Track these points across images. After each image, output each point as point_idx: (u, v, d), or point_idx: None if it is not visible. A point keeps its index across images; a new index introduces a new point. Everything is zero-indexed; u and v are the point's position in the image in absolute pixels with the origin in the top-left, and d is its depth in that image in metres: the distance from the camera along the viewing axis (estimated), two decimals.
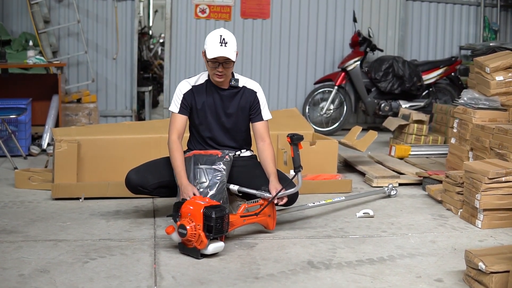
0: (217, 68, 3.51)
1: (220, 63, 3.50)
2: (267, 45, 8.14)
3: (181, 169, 3.47)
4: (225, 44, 3.46)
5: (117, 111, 7.89)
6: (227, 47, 3.46)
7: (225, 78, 3.58)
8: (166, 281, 2.82)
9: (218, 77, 3.55)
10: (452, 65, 7.87)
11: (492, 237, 3.62)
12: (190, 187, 3.38)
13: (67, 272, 2.88)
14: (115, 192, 4.25)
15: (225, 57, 3.47)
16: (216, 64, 3.50)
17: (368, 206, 4.23)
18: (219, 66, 3.50)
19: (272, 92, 8.15)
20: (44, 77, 6.74)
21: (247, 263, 3.07)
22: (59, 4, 7.55)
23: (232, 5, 7.97)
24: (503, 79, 4.67)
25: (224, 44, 3.46)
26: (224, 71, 3.52)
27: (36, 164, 5.41)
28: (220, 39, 3.47)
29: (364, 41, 7.75)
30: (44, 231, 3.52)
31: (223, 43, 3.46)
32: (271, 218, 3.53)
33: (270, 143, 3.67)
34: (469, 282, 2.83)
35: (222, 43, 3.46)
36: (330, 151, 4.84)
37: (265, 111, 3.72)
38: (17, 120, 5.78)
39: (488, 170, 3.73)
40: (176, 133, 3.60)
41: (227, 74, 3.56)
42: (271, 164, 3.58)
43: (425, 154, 5.74)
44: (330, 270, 3.01)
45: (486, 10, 8.72)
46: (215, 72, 3.53)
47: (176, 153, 3.53)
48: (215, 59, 3.48)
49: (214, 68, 3.52)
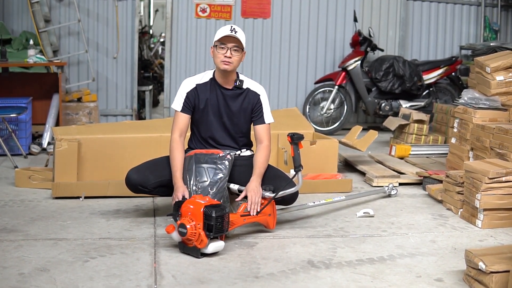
0: (225, 53, 3.51)
1: (229, 48, 3.51)
2: (267, 45, 8.14)
3: (178, 169, 3.49)
4: (235, 32, 3.52)
5: (118, 110, 7.89)
6: (237, 34, 3.51)
7: (232, 69, 3.56)
8: (166, 280, 2.82)
9: (225, 63, 3.52)
10: (452, 65, 7.87)
11: (492, 237, 3.62)
12: (181, 188, 3.40)
13: (67, 271, 2.88)
14: (116, 191, 4.25)
15: (235, 39, 3.49)
16: (225, 49, 3.51)
17: (368, 206, 4.23)
18: (228, 51, 3.51)
19: (273, 91, 8.15)
20: (45, 76, 6.74)
21: (247, 262, 3.07)
22: (59, 3, 7.55)
23: (232, 4, 7.97)
24: (503, 79, 4.67)
25: (235, 31, 3.51)
26: (232, 58, 3.52)
27: (37, 163, 5.41)
28: (230, 28, 3.53)
29: (365, 40, 7.75)
30: (44, 230, 3.53)
31: (233, 31, 3.52)
32: (271, 217, 3.53)
33: (268, 146, 3.66)
34: (469, 281, 2.83)
35: (232, 31, 3.51)
36: (330, 150, 4.84)
37: (267, 114, 3.72)
38: (17, 119, 5.78)
39: (488, 170, 3.73)
40: (178, 132, 3.60)
41: (234, 64, 3.55)
42: (258, 165, 3.55)
43: (425, 154, 5.74)
44: (330, 269, 3.01)
45: (487, 10, 8.72)
46: (222, 59, 3.52)
47: (175, 153, 3.53)
48: (224, 39, 3.50)
49: (222, 54, 3.52)
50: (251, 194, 3.39)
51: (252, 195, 3.39)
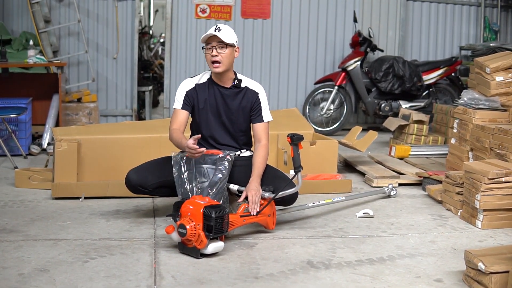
0: (211, 53, 3.51)
1: (214, 47, 3.51)
2: (267, 45, 8.14)
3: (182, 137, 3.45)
4: (219, 30, 3.52)
5: (117, 110, 7.89)
6: (220, 32, 3.51)
7: (223, 69, 3.56)
8: (165, 280, 2.82)
9: (214, 66, 3.53)
10: (452, 66, 7.87)
11: (492, 238, 3.62)
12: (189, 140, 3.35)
13: (66, 272, 2.88)
14: (115, 192, 4.25)
15: (217, 38, 3.49)
16: (211, 49, 3.52)
17: (368, 206, 4.23)
18: (213, 50, 3.51)
19: (273, 92, 8.15)
20: (45, 77, 6.74)
21: (246, 263, 3.07)
22: (59, 4, 7.55)
23: (232, 5, 7.98)
24: (503, 79, 4.67)
25: (218, 30, 3.52)
26: (219, 56, 3.52)
27: (36, 164, 5.41)
28: (215, 27, 3.55)
29: (365, 41, 7.75)
30: (44, 230, 3.53)
31: (217, 29, 3.52)
32: (271, 218, 3.53)
33: (266, 145, 3.66)
34: (469, 282, 2.83)
35: (216, 30, 3.52)
36: (330, 151, 4.84)
37: (266, 113, 3.72)
38: (17, 119, 5.78)
39: (488, 170, 3.73)
40: (177, 124, 3.59)
41: (223, 63, 3.54)
42: (257, 165, 3.55)
43: (425, 154, 5.74)
44: (330, 270, 3.01)
45: (487, 11, 8.72)
46: (211, 59, 3.53)
47: (175, 134, 3.52)
48: (208, 40, 3.52)
49: (209, 54, 3.53)
50: (252, 194, 3.39)
51: (253, 194, 3.39)
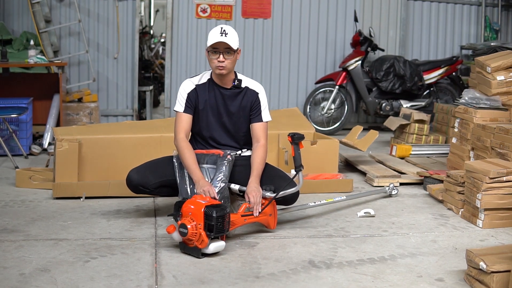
0: (218, 58, 3.50)
1: (221, 52, 3.49)
2: (268, 45, 8.14)
3: (195, 167, 3.44)
4: (226, 34, 3.48)
5: (118, 110, 7.89)
6: (227, 37, 3.48)
7: (227, 72, 3.56)
8: (167, 280, 2.82)
9: (219, 69, 3.52)
10: (453, 65, 7.86)
11: (493, 237, 3.61)
12: (207, 183, 3.36)
13: (67, 271, 2.88)
14: (116, 192, 4.25)
15: (225, 44, 3.47)
16: (217, 54, 3.50)
17: (369, 206, 4.23)
18: (220, 56, 3.50)
19: (273, 91, 8.15)
20: (45, 77, 6.74)
21: (248, 263, 3.07)
22: (60, 4, 7.55)
23: (233, 4, 7.97)
24: (504, 78, 4.66)
25: (225, 34, 3.48)
26: (226, 62, 3.51)
27: (37, 164, 5.41)
28: (220, 31, 3.50)
29: (365, 40, 7.75)
30: (45, 230, 3.53)
31: (224, 33, 3.49)
32: (272, 218, 3.53)
33: (265, 145, 3.64)
34: (470, 281, 2.83)
35: (223, 34, 3.48)
36: (331, 150, 4.84)
37: (265, 112, 3.71)
38: (18, 119, 5.78)
39: (489, 169, 3.73)
40: (183, 132, 3.59)
41: (228, 67, 3.53)
42: (256, 166, 3.54)
43: (426, 154, 5.73)
44: (331, 269, 3.01)
45: (487, 10, 8.71)
46: (216, 63, 3.51)
47: (186, 151, 3.50)
48: (215, 45, 3.48)
49: (215, 58, 3.51)
50: (253, 195, 3.39)
51: (254, 195, 3.39)
